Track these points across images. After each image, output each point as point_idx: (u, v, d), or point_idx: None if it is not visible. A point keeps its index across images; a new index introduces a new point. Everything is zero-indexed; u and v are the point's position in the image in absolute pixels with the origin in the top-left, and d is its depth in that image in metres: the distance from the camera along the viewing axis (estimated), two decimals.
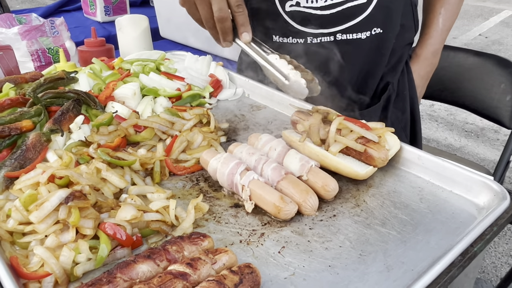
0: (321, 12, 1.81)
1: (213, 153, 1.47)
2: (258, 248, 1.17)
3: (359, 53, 1.89)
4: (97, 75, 1.90)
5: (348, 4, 1.78)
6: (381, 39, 1.87)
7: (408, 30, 2.00)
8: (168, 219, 1.22)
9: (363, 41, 1.84)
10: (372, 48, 1.88)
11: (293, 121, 1.59)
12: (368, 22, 1.81)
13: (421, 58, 2.15)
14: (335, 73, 1.91)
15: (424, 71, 2.18)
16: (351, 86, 1.97)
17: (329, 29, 1.83)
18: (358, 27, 1.82)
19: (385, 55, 1.94)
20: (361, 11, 1.79)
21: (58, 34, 2.72)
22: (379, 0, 1.78)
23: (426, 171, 1.43)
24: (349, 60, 1.90)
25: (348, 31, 1.83)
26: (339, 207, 1.32)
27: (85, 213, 1.13)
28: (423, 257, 1.12)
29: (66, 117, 1.55)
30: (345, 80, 1.94)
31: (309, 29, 1.85)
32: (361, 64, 1.94)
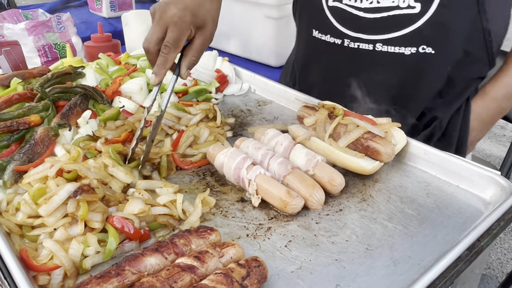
0: (363, 14, 1.63)
1: (219, 147, 1.47)
2: (265, 242, 1.17)
3: (399, 70, 1.65)
4: (104, 70, 1.91)
5: (396, 11, 1.56)
6: (429, 61, 1.60)
7: (476, 61, 1.65)
8: (176, 213, 1.23)
9: (406, 57, 1.61)
10: (416, 68, 1.63)
11: (300, 116, 1.60)
12: (416, 36, 1.57)
13: (488, 97, 1.75)
14: (368, 88, 1.71)
15: (487, 114, 1.77)
16: (383, 107, 1.70)
17: (369, 35, 1.64)
18: (402, 40, 1.59)
19: (433, 81, 1.66)
20: (409, 22, 1.56)
21: (65, 30, 2.73)
22: (435, 14, 1.53)
23: (433, 166, 1.43)
24: (385, 76, 1.68)
25: (390, 43, 1.61)
26: (345, 201, 1.33)
27: (93, 207, 1.14)
28: (429, 252, 1.12)
29: (73, 111, 1.55)
30: (378, 98, 1.70)
31: (348, 30, 1.69)
32: (400, 84, 1.69)
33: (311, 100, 1.74)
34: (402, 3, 1.55)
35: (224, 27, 3.10)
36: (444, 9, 1.52)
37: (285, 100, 1.89)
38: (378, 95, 1.70)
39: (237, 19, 2.99)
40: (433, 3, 1.51)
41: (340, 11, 1.70)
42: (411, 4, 1.54)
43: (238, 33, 3.06)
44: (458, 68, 1.64)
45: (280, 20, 2.76)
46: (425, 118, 1.75)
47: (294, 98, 1.78)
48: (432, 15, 1.53)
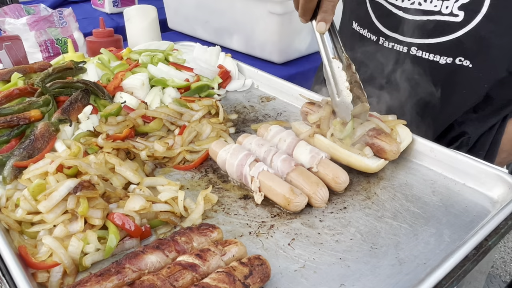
0: (403, 13, 1.56)
1: (222, 144, 1.45)
2: (268, 240, 1.15)
3: (430, 79, 1.57)
4: (105, 65, 1.89)
5: (437, 16, 1.48)
6: (465, 75, 1.51)
7: None
8: (177, 210, 1.21)
9: (440, 66, 1.53)
10: (449, 80, 1.55)
11: (303, 112, 1.57)
12: (454, 47, 1.49)
13: None
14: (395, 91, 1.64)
15: None
16: (408, 113, 1.64)
17: (405, 37, 1.57)
18: (439, 48, 1.51)
19: (467, 96, 1.58)
20: (450, 30, 1.47)
21: (66, 25, 2.71)
22: (478, 26, 1.43)
23: (439, 164, 1.40)
24: (415, 82, 1.61)
25: (426, 49, 1.54)
26: (349, 199, 1.30)
27: (94, 203, 1.13)
28: (435, 251, 1.10)
29: (74, 107, 1.54)
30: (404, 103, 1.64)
31: (384, 28, 1.63)
32: (429, 93, 1.61)
33: (315, 97, 1.71)
34: (445, 9, 1.47)
35: (227, 23, 3.08)
36: (490, 22, 1.42)
37: (288, 96, 1.87)
38: (404, 100, 1.64)
39: (240, 15, 2.96)
40: (478, 14, 1.42)
41: (381, 6, 1.64)
42: (454, 11, 1.46)
43: (241, 29, 3.03)
44: (499, 87, 1.55)
45: (284, 16, 2.73)
46: (453, 132, 1.68)
47: (298, 94, 1.76)
48: (475, 26, 1.44)
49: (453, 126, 1.68)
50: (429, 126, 1.63)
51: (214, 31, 3.25)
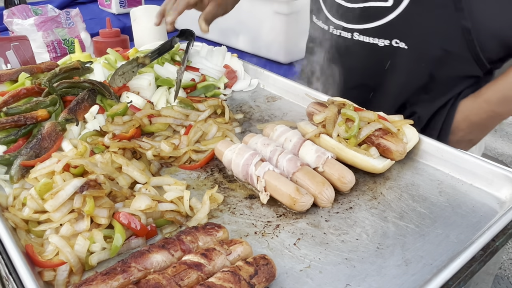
0: (345, 2, 1.69)
1: (227, 143, 1.45)
2: (273, 240, 1.15)
3: (373, 61, 1.71)
4: (112, 65, 1.89)
5: (370, 3, 1.60)
6: (402, 56, 1.62)
7: (459, 60, 1.61)
8: (183, 210, 1.21)
9: (380, 49, 1.65)
10: (391, 61, 1.66)
11: (309, 112, 1.57)
12: (389, 30, 1.61)
13: (480, 99, 1.66)
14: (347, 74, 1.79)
15: (477, 116, 1.69)
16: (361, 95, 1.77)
17: (349, 24, 1.71)
18: (377, 32, 1.64)
19: (411, 76, 1.68)
20: (382, 15, 1.59)
21: (74, 25, 2.73)
22: (407, 9, 1.53)
23: (446, 164, 1.39)
24: (362, 65, 1.75)
25: (366, 33, 1.67)
26: (355, 199, 1.30)
27: (100, 202, 1.13)
28: (442, 251, 1.09)
29: (81, 106, 1.54)
30: (356, 85, 1.79)
31: (332, 17, 1.78)
32: (375, 74, 1.74)
33: (321, 96, 1.71)
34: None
35: (233, 23, 3.08)
36: (416, 5, 1.52)
37: (294, 96, 1.87)
38: (355, 82, 1.80)
39: (246, 15, 2.96)
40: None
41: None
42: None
43: (247, 29, 3.03)
44: (440, 66, 1.62)
45: (290, 16, 2.73)
46: (406, 112, 1.76)
47: (304, 94, 1.76)
48: (404, 10, 1.54)
49: (405, 107, 1.78)
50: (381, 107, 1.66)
51: (220, 31, 3.25)
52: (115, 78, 1.69)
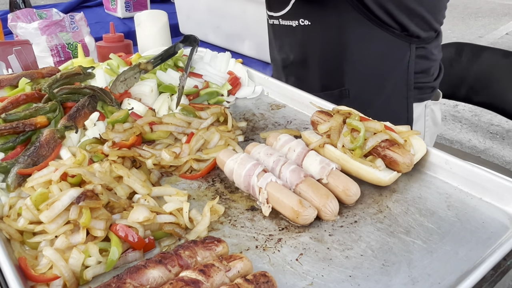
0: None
1: (230, 153, 1.42)
2: (275, 255, 1.11)
3: (294, 40, 2.05)
4: (114, 71, 1.87)
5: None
6: (309, 31, 1.95)
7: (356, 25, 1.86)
8: (182, 222, 1.18)
9: (293, 28, 1.99)
10: (304, 37, 1.99)
11: (313, 121, 1.53)
12: (294, 12, 1.95)
13: None
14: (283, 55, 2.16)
15: None
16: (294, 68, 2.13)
17: (274, 13, 2.07)
18: (289, 16, 1.99)
19: (320, 46, 1.97)
20: (286, 2, 1.94)
21: (78, 30, 2.71)
22: None
23: (454, 177, 1.35)
24: (288, 44, 2.10)
25: (284, 18, 2.03)
26: (360, 212, 1.26)
27: (97, 214, 1.10)
28: (451, 270, 1.04)
29: (81, 113, 1.52)
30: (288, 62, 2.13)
31: (268, 11, 2.13)
32: (298, 51, 2.07)
33: (326, 105, 1.67)
34: None
35: (238, 28, 3.06)
36: None
37: (299, 104, 1.83)
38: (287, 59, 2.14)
39: (251, 21, 2.93)
40: None
41: None
42: None
43: (253, 34, 3.00)
44: (343, 34, 1.89)
45: None
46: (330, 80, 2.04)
47: (309, 102, 1.72)
48: None
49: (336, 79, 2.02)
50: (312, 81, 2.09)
51: (225, 36, 3.23)
52: (117, 84, 1.67)
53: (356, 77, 1.98)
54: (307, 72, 2.09)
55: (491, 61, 2.84)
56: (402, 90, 1.98)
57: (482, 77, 2.91)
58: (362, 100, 1.97)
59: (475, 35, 8.63)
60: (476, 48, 2.89)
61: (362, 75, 1.98)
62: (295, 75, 2.17)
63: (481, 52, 2.88)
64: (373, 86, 1.99)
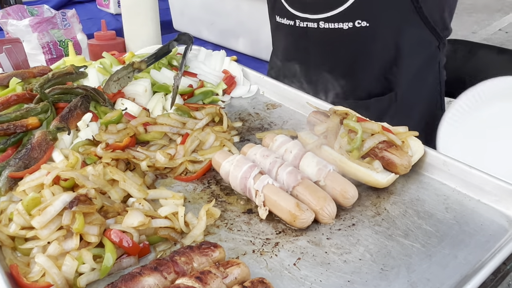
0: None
1: (225, 154, 1.40)
2: (272, 259, 1.10)
3: (341, 44, 1.87)
4: (107, 70, 1.83)
5: None
6: (366, 33, 1.80)
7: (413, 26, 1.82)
8: (178, 226, 1.16)
9: (345, 32, 1.81)
10: (356, 40, 1.83)
11: (310, 122, 1.51)
12: (351, 13, 1.78)
13: None
14: (318, 61, 1.95)
15: None
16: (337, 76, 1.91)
17: (313, 15, 1.84)
18: (340, 17, 1.80)
19: (374, 49, 1.85)
20: (342, 1, 1.77)
21: (70, 27, 2.67)
22: None
23: (452, 178, 1.34)
24: (331, 50, 1.91)
25: (331, 20, 1.82)
26: (358, 215, 1.24)
27: (90, 219, 1.07)
28: (450, 274, 1.03)
29: (73, 114, 1.49)
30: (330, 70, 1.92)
31: (296, 11, 1.89)
32: (346, 56, 1.90)
33: (323, 105, 1.65)
34: None
35: (233, 25, 3.03)
36: None
37: (295, 104, 1.81)
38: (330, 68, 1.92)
39: (246, 17, 2.90)
40: None
41: None
42: None
43: (247, 31, 2.98)
44: (399, 36, 1.82)
45: None
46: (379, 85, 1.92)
47: (305, 102, 1.70)
48: None
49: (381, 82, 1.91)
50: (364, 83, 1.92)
51: (219, 32, 3.20)
52: (110, 84, 1.64)
53: (404, 81, 1.90)
54: (351, 79, 1.91)
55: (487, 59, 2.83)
56: (436, 89, 2.02)
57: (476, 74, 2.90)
58: (407, 103, 1.92)
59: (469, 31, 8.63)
60: (471, 45, 2.87)
61: (408, 78, 1.90)
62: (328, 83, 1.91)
63: (477, 49, 2.87)
64: (416, 88, 1.94)
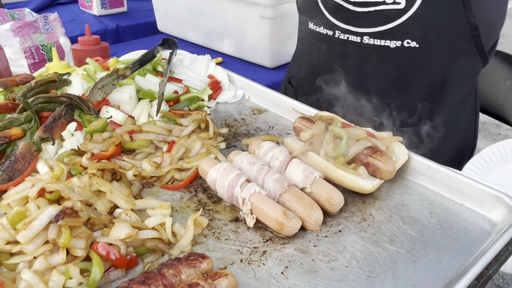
0: (352, 7, 1.67)
1: (212, 162, 1.40)
2: (260, 268, 1.10)
3: (384, 63, 1.70)
4: (91, 77, 1.82)
5: (382, 6, 1.60)
6: (414, 54, 1.64)
7: (466, 55, 1.68)
8: (165, 237, 1.16)
9: (391, 50, 1.65)
10: (402, 61, 1.68)
11: (296, 127, 1.52)
12: (401, 31, 1.62)
13: None
14: (353, 78, 1.77)
15: None
16: (371, 98, 1.76)
17: (358, 28, 1.69)
18: (388, 34, 1.64)
19: (423, 75, 1.70)
20: (394, 17, 1.61)
21: (52, 30, 2.63)
22: (419, 10, 1.57)
23: (436, 183, 1.36)
24: (371, 68, 1.74)
25: (376, 36, 1.66)
26: (344, 221, 1.26)
27: (77, 232, 1.07)
28: (434, 279, 1.06)
29: (58, 123, 1.47)
30: (366, 89, 1.77)
31: (338, 21, 1.74)
32: (387, 76, 1.74)
33: (309, 110, 1.67)
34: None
35: (218, 26, 3.02)
36: (428, 5, 1.57)
37: (281, 109, 1.82)
38: (366, 87, 1.78)
39: (231, 19, 2.90)
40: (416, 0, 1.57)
41: (332, 3, 1.76)
42: (396, 0, 1.60)
43: (232, 33, 2.97)
44: (448, 62, 1.68)
45: (275, 20, 2.68)
46: (418, 114, 1.77)
47: (291, 107, 1.71)
48: (416, 11, 1.58)
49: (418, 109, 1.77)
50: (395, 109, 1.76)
51: (204, 34, 3.19)
52: (94, 92, 1.62)
53: (445, 111, 1.76)
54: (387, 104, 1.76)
55: None
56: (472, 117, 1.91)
57: None
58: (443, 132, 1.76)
59: None
60: None
61: (449, 109, 1.77)
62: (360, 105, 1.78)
63: None
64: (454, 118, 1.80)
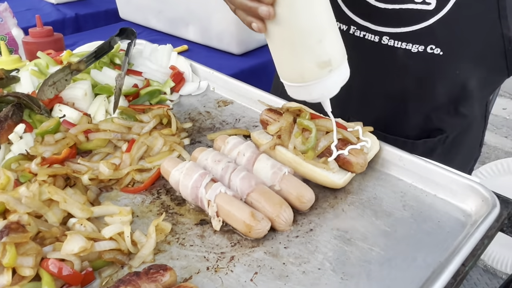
0: (375, 2, 1.49)
1: (174, 161, 1.31)
2: (228, 276, 1.04)
3: (402, 69, 1.55)
4: (42, 72, 1.69)
5: (410, 5, 1.42)
6: (437, 62, 1.48)
7: (492, 69, 1.54)
8: (124, 247, 1.07)
9: (411, 55, 1.49)
10: (421, 68, 1.52)
11: (263, 120, 1.45)
12: (426, 34, 1.45)
13: None
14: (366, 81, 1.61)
15: None
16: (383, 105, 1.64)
17: (377, 26, 1.51)
18: (411, 37, 1.47)
19: (443, 84, 1.55)
20: (421, 18, 1.44)
21: (2, 22, 2.46)
22: (449, 13, 1.40)
23: (408, 173, 1.32)
24: (387, 73, 1.59)
25: (397, 37, 1.49)
26: (316, 219, 1.20)
27: (24, 249, 0.97)
28: (410, 278, 1.01)
29: (4, 126, 1.35)
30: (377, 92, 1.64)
31: (356, 16, 1.55)
32: (402, 82, 1.58)
33: (276, 101, 1.59)
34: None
35: (182, 12, 2.90)
36: (460, 9, 1.39)
37: (247, 100, 1.73)
38: (378, 90, 1.63)
39: (195, 4, 2.78)
40: (449, 1, 1.39)
41: None
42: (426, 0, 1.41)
43: (197, 19, 2.86)
44: (472, 75, 1.53)
45: None
46: (431, 125, 1.64)
47: (257, 98, 1.63)
48: (446, 13, 1.40)
49: (432, 120, 1.64)
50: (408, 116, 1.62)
51: (168, 21, 3.07)
52: (45, 89, 1.50)
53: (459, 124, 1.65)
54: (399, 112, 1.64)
55: None
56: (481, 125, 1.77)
57: None
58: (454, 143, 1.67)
59: None
60: None
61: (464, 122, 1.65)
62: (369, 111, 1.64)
63: None
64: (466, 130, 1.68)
